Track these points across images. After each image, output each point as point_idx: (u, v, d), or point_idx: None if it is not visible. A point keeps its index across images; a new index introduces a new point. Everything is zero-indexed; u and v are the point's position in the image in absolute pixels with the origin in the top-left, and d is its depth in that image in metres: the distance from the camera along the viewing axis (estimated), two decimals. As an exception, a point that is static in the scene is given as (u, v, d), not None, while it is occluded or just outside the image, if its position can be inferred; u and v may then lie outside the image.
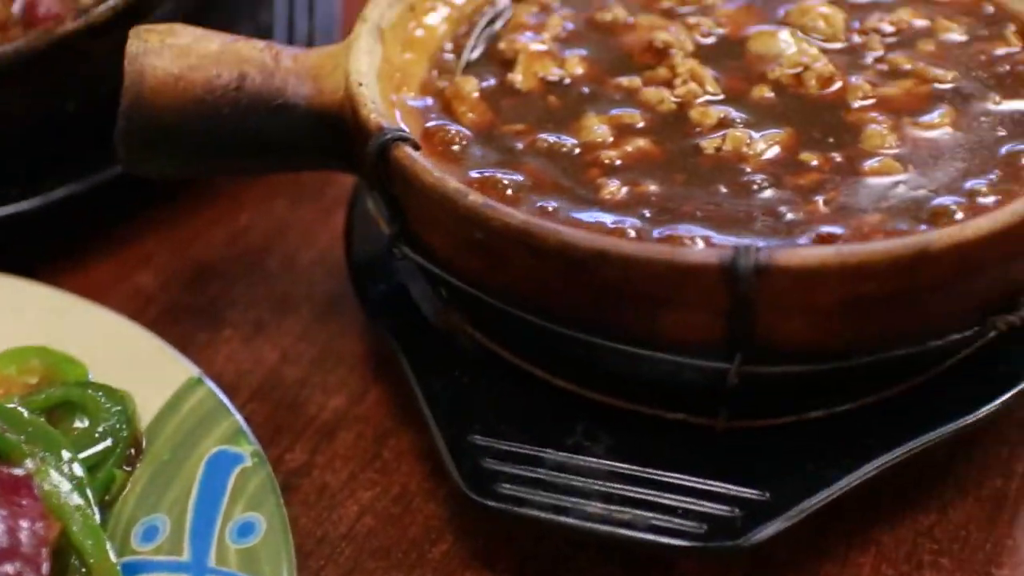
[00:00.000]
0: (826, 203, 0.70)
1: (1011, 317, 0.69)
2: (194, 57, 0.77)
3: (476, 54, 0.83)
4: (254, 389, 0.85)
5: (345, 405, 0.84)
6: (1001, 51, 0.80)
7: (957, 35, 0.81)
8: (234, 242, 0.96)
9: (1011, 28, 0.81)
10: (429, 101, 0.79)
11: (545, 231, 0.66)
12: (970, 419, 0.72)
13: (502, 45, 0.82)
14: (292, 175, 0.94)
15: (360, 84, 0.75)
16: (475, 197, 0.68)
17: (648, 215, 0.70)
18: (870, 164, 0.72)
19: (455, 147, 0.75)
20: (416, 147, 0.72)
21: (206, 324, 0.89)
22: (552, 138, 0.75)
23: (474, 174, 0.73)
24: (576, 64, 0.80)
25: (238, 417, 0.73)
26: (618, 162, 0.73)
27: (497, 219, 0.67)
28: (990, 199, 0.70)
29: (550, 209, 0.70)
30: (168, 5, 0.92)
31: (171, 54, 0.76)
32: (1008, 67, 0.79)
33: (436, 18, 0.85)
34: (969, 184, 0.71)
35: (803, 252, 0.63)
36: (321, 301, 0.91)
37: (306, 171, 0.86)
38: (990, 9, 0.83)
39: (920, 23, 0.82)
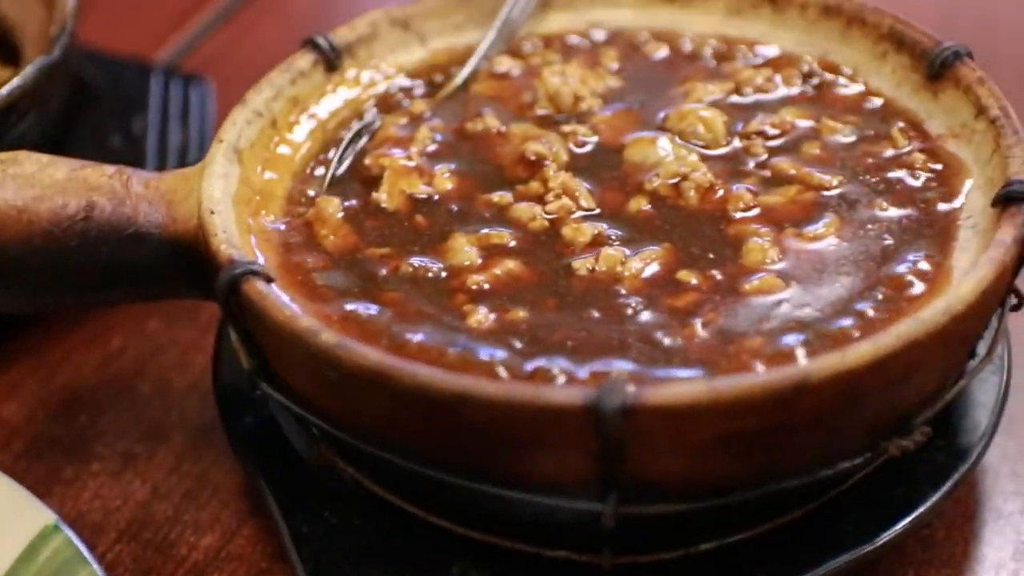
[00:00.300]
0: (704, 326, 0.66)
1: (904, 442, 0.65)
2: (39, 187, 0.72)
3: (342, 171, 0.78)
4: (122, 529, 0.80)
5: (218, 543, 0.79)
6: (888, 152, 0.76)
7: (843, 136, 0.78)
8: (105, 367, 0.91)
9: (898, 126, 0.77)
10: (291, 225, 0.74)
11: (401, 373, 0.61)
12: (869, 548, 0.67)
13: (368, 161, 0.78)
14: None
15: (212, 212, 0.71)
16: (328, 336, 0.63)
17: (517, 346, 0.66)
18: (751, 282, 0.68)
19: (315, 276, 0.71)
20: (269, 280, 0.67)
21: (73, 457, 0.84)
22: (417, 262, 0.71)
23: (332, 307, 0.68)
24: (445, 180, 0.76)
25: (96, 568, 0.68)
26: (486, 286, 0.69)
27: (350, 360, 0.62)
28: (875, 318, 0.66)
29: (413, 343, 0.66)
30: (31, 119, 0.88)
31: (14, 185, 0.72)
32: (896, 170, 0.75)
33: (301, 133, 0.80)
34: (853, 302, 0.67)
35: (673, 390, 0.59)
36: (195, 429, 0.86)
37: (168, 300, 0.81)
38: (877, 105, 0.80)
39: (805, 124, 0.78)
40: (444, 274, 0.70)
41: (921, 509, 0.69)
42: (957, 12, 1.17)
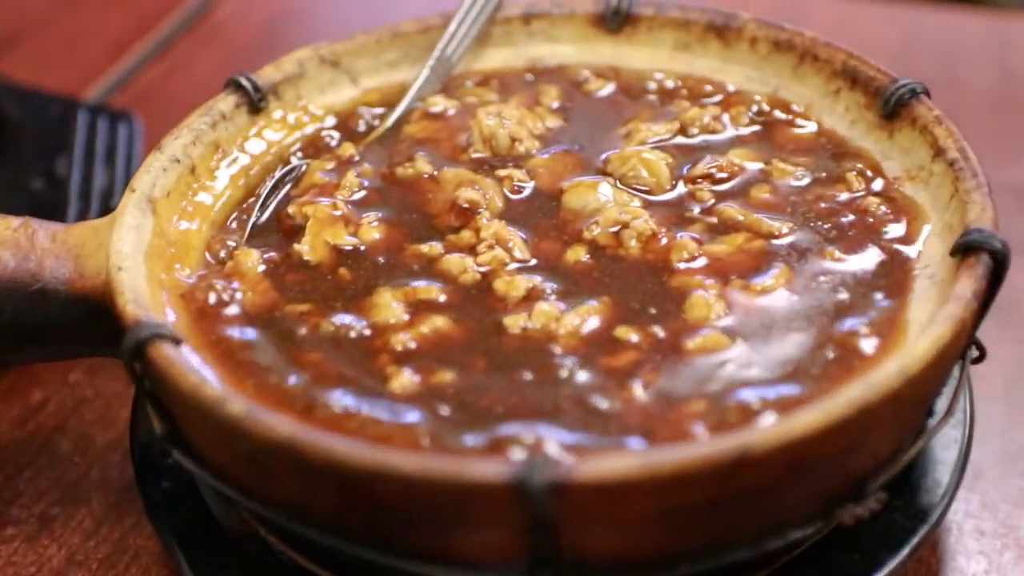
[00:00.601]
0: (643, 388, 0.61)
1: (858, 509, 0.60)
2: (-63, 242, 0.67)
3: (264, 220, 0.74)
4: (35, 599, 0.75)
5: (137, 615, 0.74)
6: (842, 196, 0.72)
7: (794, 179, 0.73)
8: (24, 422, 0.86)
9: (852, 168, 0.73)
10: (207, 279, 0.69)
11: (313, 446, 0.57)
12: (826, 620, 0.63)
13: (291, 209, 0.73)
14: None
15: (119, 268, 0.66)
16: (235, 406, 0.58)
17: (443, 412, 0.61)
18: (694, 340, 0.64)
19: (229, 336, 0.66)
20: (178, 342, 0.63)
21: (-13, 520, 0.79)
22: (339, 320, 0.66)
23: (246, 370, 0.64)
24: (372, 229, 0.71)
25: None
26: (412, 345, 0.64)
27: (259, 433, 0.58)
28: (826, 378, 0.61)
29: (331, 410, 0.61)
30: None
31: (-93, 239, 0.67)
32: (849, 215, 0.70)
33: (222, 180, 0.76)
34: (803, 361, 0.62)
35: (606, 464, 0.55)
36: (116, 490, 0.81)
37: (81, 358, 0.76)
38: (831, 146, 0.76)
39: (754, 166, 0.74)
40: (368, 332, 0.66)
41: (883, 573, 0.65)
42: (919, 39, 1.13)
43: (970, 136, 0.72)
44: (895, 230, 0.70)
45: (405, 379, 0.63)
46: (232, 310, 0.68)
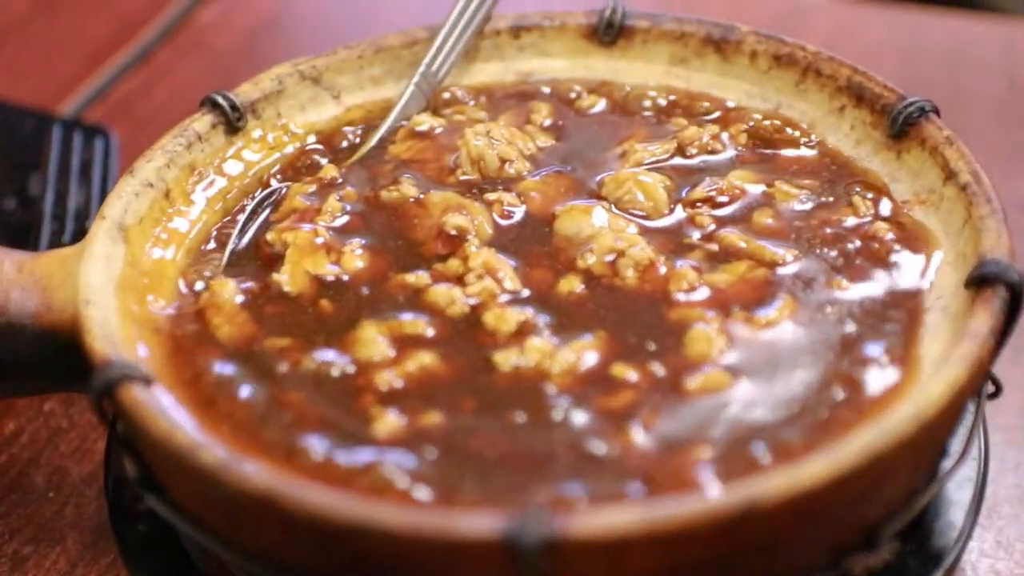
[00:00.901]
0: (642, 431, 0.58)
1: (870, 559, 0.57)
2: None
3: (242, 247, 0.70)
4: (5, 646, 0.71)
5: (110, 662, 0.70)
6: (849, 221, 0.68)
7: (798, 203, 0.70)
8: (-4, 454, 0.82)
9: (859, 192, 0.69)
10: (181, 311, 0.66)
11: (291, 499, 0.53)
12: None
13: (270, 236, 0.69)
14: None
15: (88, 302, 0.62)
16: (208, 455, 0.55)
17: (429, 457, 0.57)
18: (695, 379, 0.60)
19: (206, 373, 0.62)
20: (149, 382, 0.59)
21: (-43, 561, 0.76)
22: (321, 357, 0.63)
23: (223, 412, 0.60)
24: (355, 258, 0.68)
25: None
26: (397, 384, 0.61)
27: (233, 483, 0.54)
28: (834, 421, 0.58)
29: (311, 457, 0.58)
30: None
31: None
32: (857, 241, 0.67)
33: (198, 205, 0.72)
34: (810, 402, 0.59)
35: (603, 519, 0.51)
36: (92, 528, 0.78)
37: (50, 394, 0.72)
38: (836, 168, 0.72)
39: (755, 189, 0.70)
40: (351, 369, 0.62)
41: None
42: (922, 47, 1.10)
43: (976, 148, 0.69)
44: (905, 258, 0.66)
45: (390, 421, 0.59)
46: (208, 346, 0.64)
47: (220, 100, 0.75)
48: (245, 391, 0.62)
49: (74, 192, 0.90)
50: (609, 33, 0.80)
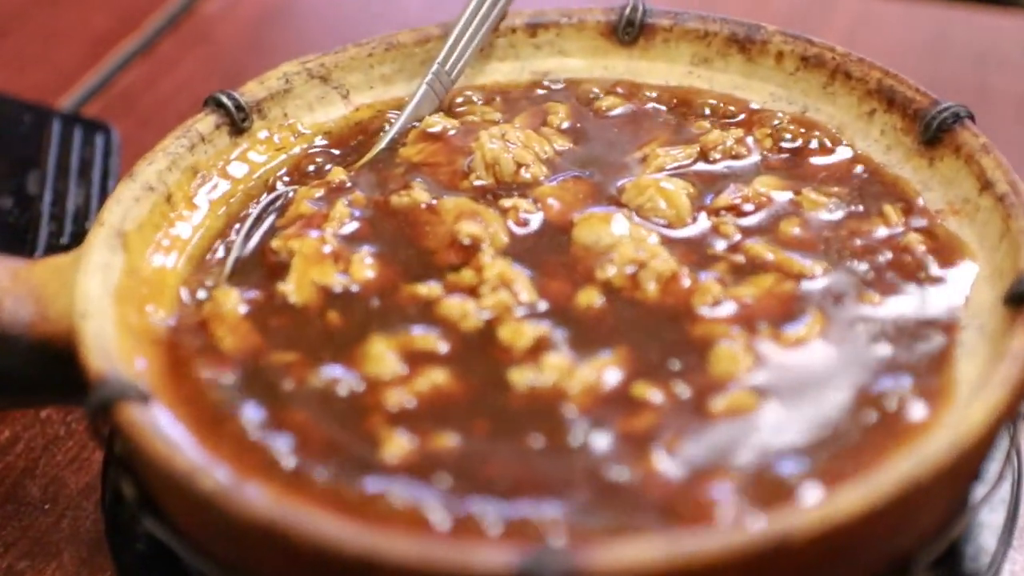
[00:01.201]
0: (664, 457, 0.55)
1: (903, 590, 0.54)
2: None
3: (247, 255, 0.67)
4: (-4, 667, 0.68)
5: None
6: (880, 232, 0.65)
7: (827, 212, 0.67)
8: (-10, 464, 0.79)
9: (891, 201, 0.66)
10: (183, 323, 0.63)
11: (296, 528, 0.50)
12: None
13: (275, 244, 0.66)
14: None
15: (84, 315, 0.59)
16: (209, 480, 0.52)
17: (442, 484, 0.55)
18: (720, 400, 0.57)
19: (208, 390, 0.59)
20: (147, 401, 0.56)
21: (-53, 576, 0.73)
22: (328, 373, 0.60)
23: (226, 431, 0.57)
24: (364, 267, 0.65)
25: None
26: (409, 404, 0.58)
27: (236, 511, 0.51)
28: (868, 447, 0.55)
29: (318, 482, 0.55)
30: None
31: None
32: (888, 254, 0.64)
33: (201, 210, 0.69)
34: (842, 426, 0.56)
35: (623, 553, 0.49)
36: (89, 542, 0.75)
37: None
38: (865, 174, 0.69)
39: (782, 197, 0.67)
40: (359, 387, 0.59)
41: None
42: (946, 41, 1.07)
43: (1001, 148, 0.66)
44: (938, 273, 0.63)
45: (400, 445, 0.56)
46: (210, 360, 0.61)
47: (224, 100, 0.72)
48: (249, 410, 0.59)
49: (73, 191, 0.87)
50: (629, 31, 0.77)
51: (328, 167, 0.72)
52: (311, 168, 0.73)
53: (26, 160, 0.90)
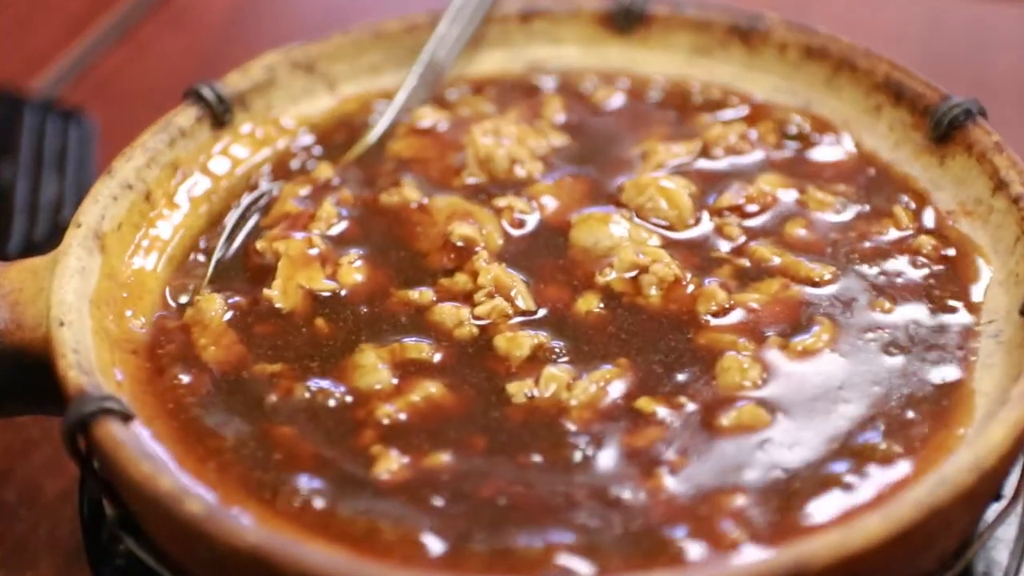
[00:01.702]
0: (671, 473, 0.52)
1: (920, 616, 0.52)
2: None
3: (230, 257, 0.64)
4: None
5: None
6: (890, 234, 0.63)
7: (834, 212, 0.64)
8: (-37, 466, 0.76)
9: (900, 201, 0.64)
10: (163, 330, 0.60)
11: (283, 557, 0.48)
12: None
13: (260, 245, 0.63)
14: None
15: (61, 323, 0.56)
16: (195, 505, 0.49)
17: (436, 504, 0.52)
18: (728, 415, 0.55)
19: (189, 402, 0.57)
20: (128, 418, 0.53)
21: (-81, 584, 0.70)
22: (316, 385, 0.57)
23: (209, 447, 0.55)
24: (353, 271, 0.62)
25: None
26: (401, 417, 0.55)
27: (220, 538, 0.48)
28: (883, 465, 0.52)
29: (307, 504, 0.52)
30: None
31: None
32: (899, 257, 0.61)
33: (181, 208, 0.66)
34: (855, 443, 0.54)
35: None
36: (67, 551, 0.72)
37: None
38: (873, 172, 0.66)
39: (788, 196, 0.65)
40: (349, 399, 0.56)
41: None
42: (943, 32, 1.04)
43: (1000, 135, 0.63)
44: (951, 278, 0.61)
45: (393, 462, 0.54)
46: (192, 370, 0.58)
47: (205, 92, 0.69)
48: (232, 426, 0.56)
49: (48, 182, 0.84)
50: (626, 20, 0.74)
51: (314, 163, 0.69)
52: (296, 164, 0.70)
53: (-1, 148, 0.86)
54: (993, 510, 0.57)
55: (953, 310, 0.60)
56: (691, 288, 0.60)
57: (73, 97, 0.97)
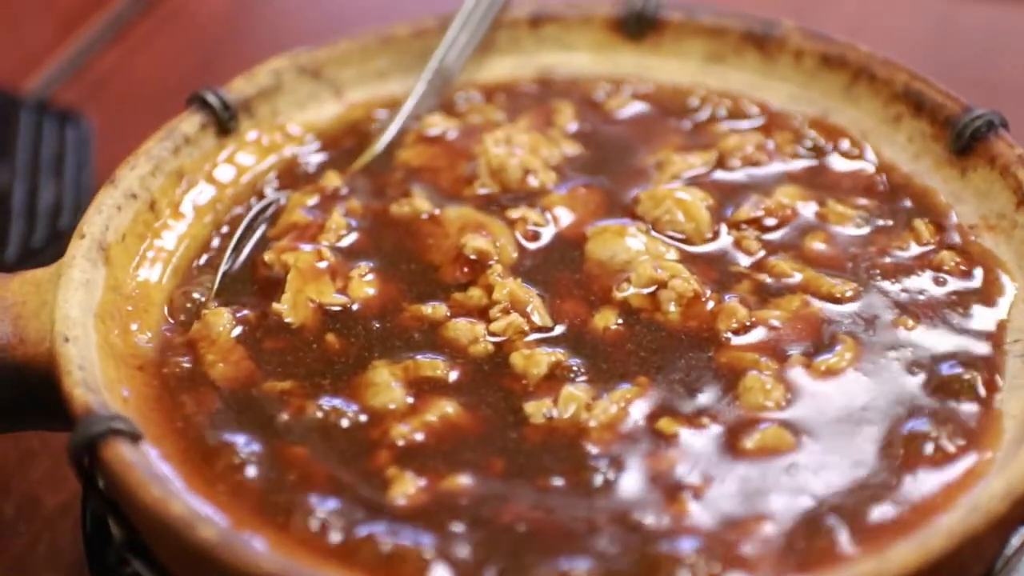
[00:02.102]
0: (695, 498, 0.51)
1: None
2: None
3: (237, 268, 0.63)
4: None
5: None
6: (911, 249, 0.62)
7: (854, 226, 0.63)
8: (-41, 478, 0.74)
9: (921, 215, 0.63)
10: (169, 345, 0.58)
11: (301, 587, 0.46)
12: None
13: (268, 256, 0.62)
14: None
15: (67, 339, 0.55)
16: (208, 531, 0.48)
17: (455, 530, 0.50)
18: (751, 438, 0.53)
19: (198, 422, 0.55)
20: (136, 438, 0.52)
21: (-90, 607, 0.68)
22: (328, 403, 0.55)
23: (219, 468, 0.53)
24: (364, 284, 0.60)
25: None
26: (417, 437, 0.54)
27: (236, 565, 0.47)
28: (911, 488, 0.51)
29: (323, 528, 0.51)
30: None
31: None
32: (920, 273, 0.60)
33: (186, 218, 0.64)
34: (882, 466, 0.53)
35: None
36: (67, 567, 0.70)
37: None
38: (892, 185, 0.65)
39: (806, 209, 0.63)
40: (363, 419, 0.55)
41: None
42: (953, 33, 1.02)
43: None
44: (975, 294, 0.60)
45: (409, 485, 0.52)
46: (200, 388, 0.57)
47: (210, 98, 0.67)
48: (243, 444, 0.54)
49: (46, 186, 0.82)
50: (639, 26, 0.73)
51: (320, 171, 0.68)
52: (302, 172, 0.68)
53: (-7, 152, 0.85)
54: (1020, 534, 0.55)
55: (978, 328, 0.58)
56: (711, 304, 0.59)
57: (66, 97, 0.96)
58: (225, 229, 0.65)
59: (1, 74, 0.96)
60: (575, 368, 0.57)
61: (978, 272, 0.61)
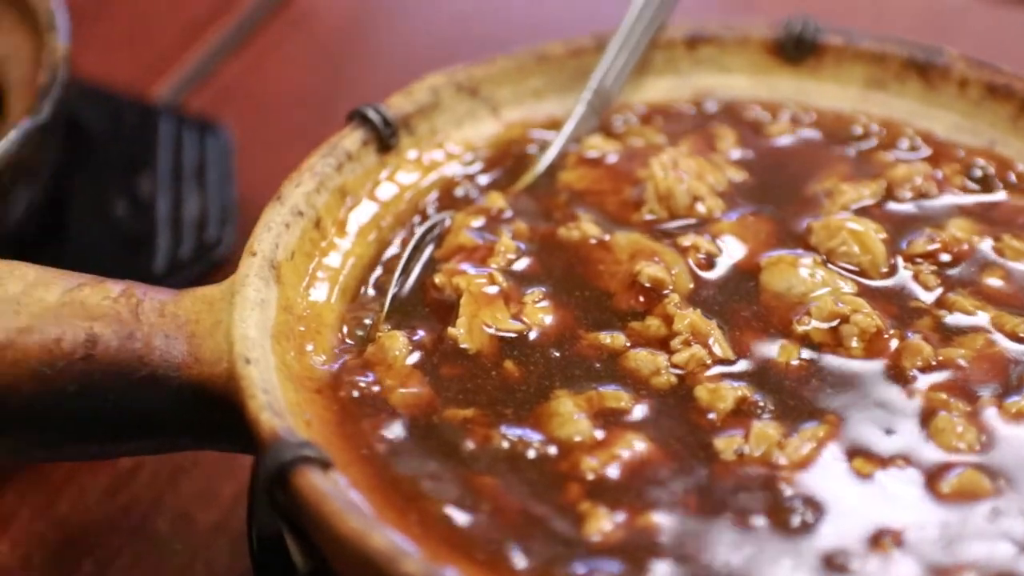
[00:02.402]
0: (897, 546, 0.50)
1: None
2: (26, 315, 0.56)
3: (406, 290, 0.62)
4: None
5: None
6: (1095, 288, 0.60)
7: (1032, 263, 0.62)
8: (114, 494, 0.74)
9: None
10: (346, 368, 0.58)
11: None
12: None
13: (438, 279, 0.61)
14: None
15: (247, 360, 0.54)
16: (411, 566, 0.47)
17: (658, 571, 0.50)
18: (948, 482, 0.52)
19: (381, 449, 0.55)
20: (327, 465, 0.51)
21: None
22: (513, 433, 0.55)
23: (408, 499, 0.53)
24: (539, 311, 0.60)
25: None
26: (608, 472, 0.53)
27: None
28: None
29: (519, 566, 0.50)
30: (19, 191, 0.71)
31: (-6, 311, 0.55)
32: (1107, 314, 0.59)
33: (351, 236, 0.64)
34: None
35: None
36: (228, 583, 0.70)
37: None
38: (1068, 219, 0.64)
39: (984, 244, 0.62)
40: (551, 451, 0.54)
41: None
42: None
43: None
44: None
45: (605, 521, 0.52)
46: (381, 413, 0.56)
47: (371, 114, 0.67)
48: (431, 473, 0.54)
49: (189, 196, 0.82)
50: (798, 49, 0.72)
51: (480, 192, 0.67)
52: (461, 192, 0.67)
53: (135, 161, 0.84)
54: None
55: None
56: (894, 343, 0.58)
57: (195, 105, 0.95)
58: (391, 250, 0.64)
59: (126, 79, 0.96)
60: (760, 403, 0.56)
61: None
